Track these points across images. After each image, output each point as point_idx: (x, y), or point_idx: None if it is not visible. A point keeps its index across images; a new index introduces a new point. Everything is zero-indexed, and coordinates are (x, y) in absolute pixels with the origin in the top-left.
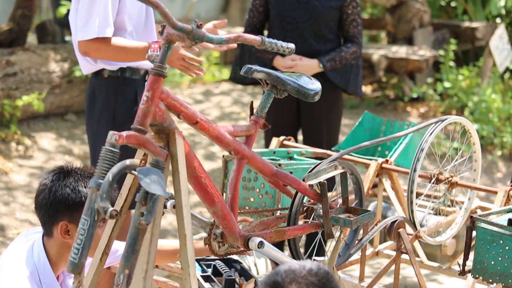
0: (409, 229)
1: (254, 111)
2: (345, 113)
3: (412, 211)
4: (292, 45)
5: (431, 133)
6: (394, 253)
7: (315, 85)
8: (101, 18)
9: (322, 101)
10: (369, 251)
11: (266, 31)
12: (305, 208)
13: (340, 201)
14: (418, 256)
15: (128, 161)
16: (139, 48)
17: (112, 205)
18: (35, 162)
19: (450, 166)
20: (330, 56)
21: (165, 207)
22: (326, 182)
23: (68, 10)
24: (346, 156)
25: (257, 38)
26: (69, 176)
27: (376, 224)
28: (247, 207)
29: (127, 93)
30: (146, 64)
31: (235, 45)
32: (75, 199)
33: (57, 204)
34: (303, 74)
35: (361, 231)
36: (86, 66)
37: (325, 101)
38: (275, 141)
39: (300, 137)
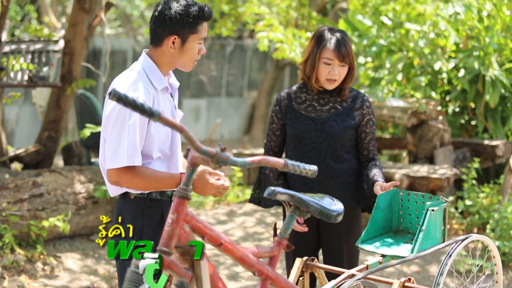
0: None
1: (278, 232)
2: None
3: None
4: (314, 167)
5: (451, 254)
6: None
7: (337, 206)
8: (130, 147)
9: (342, 220)
10: None
11: None
12: None
13: None
14: None
15: None
16: (168, 178)
17: None
18: (61, 282)
19: (469, 282)
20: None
21: None
22: None
23: (91, 133)
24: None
25: (280, 160)
26: None
27: None
28: None
29: (153, 214)
30: None
31: None
32: None
33: None
34: (326, 195)
35: None
36: (113, 189)
37: (345, 220)
38: (298, 262)
39: (320, 256)
